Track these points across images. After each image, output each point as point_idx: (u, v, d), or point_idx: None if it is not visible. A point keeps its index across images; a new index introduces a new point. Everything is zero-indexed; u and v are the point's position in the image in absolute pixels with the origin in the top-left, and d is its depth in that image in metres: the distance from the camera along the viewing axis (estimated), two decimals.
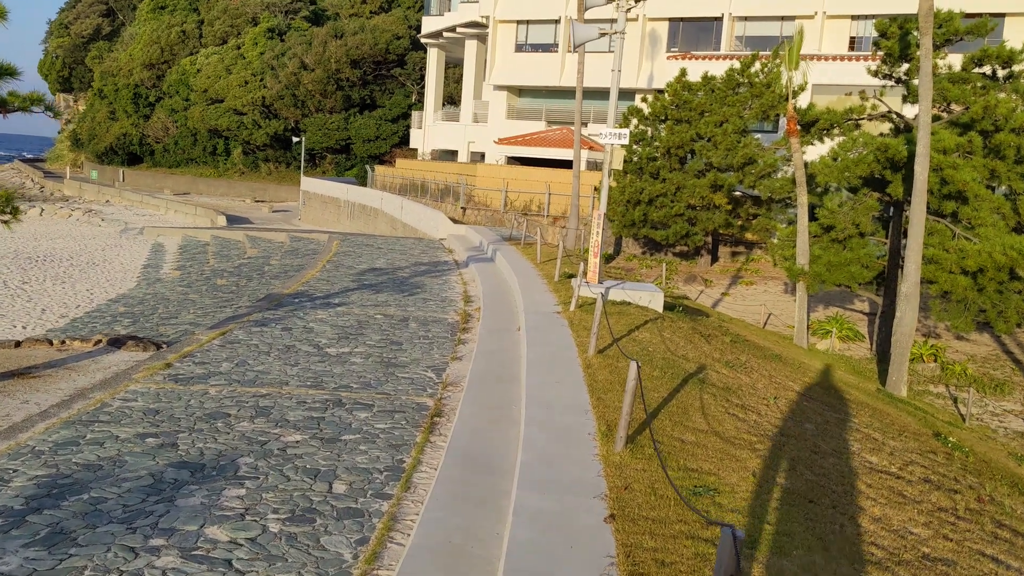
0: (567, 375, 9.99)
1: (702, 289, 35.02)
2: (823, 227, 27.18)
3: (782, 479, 7.09)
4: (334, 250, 26.68)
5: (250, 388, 10.63)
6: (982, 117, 25.37)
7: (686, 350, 12.45)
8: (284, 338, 13.61)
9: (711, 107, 34.53)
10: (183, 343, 13.01)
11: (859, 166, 25.63)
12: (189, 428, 9.00)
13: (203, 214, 62.19)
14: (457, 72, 68.37)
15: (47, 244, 43.40)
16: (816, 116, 28.20)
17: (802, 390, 12.77)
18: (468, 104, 55.36)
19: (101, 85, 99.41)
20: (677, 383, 9.98)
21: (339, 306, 16.80)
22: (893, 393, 20.85)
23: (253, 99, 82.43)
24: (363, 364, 12.22)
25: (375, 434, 9.12)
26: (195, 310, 19.53)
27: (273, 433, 8.98)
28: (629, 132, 16.89)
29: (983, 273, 23.90)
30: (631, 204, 35.09)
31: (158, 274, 32.59)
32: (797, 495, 6.79)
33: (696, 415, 8.67)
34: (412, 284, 20.36)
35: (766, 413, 9.62)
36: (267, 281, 22.75)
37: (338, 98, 79.84)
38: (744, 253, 39.35)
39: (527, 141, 46.79)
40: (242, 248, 34.74)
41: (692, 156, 35.27)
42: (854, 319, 31.39)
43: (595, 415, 8.31)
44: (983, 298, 24.53)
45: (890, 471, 8.73)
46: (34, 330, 22.75)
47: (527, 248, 25.68)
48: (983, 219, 24.64)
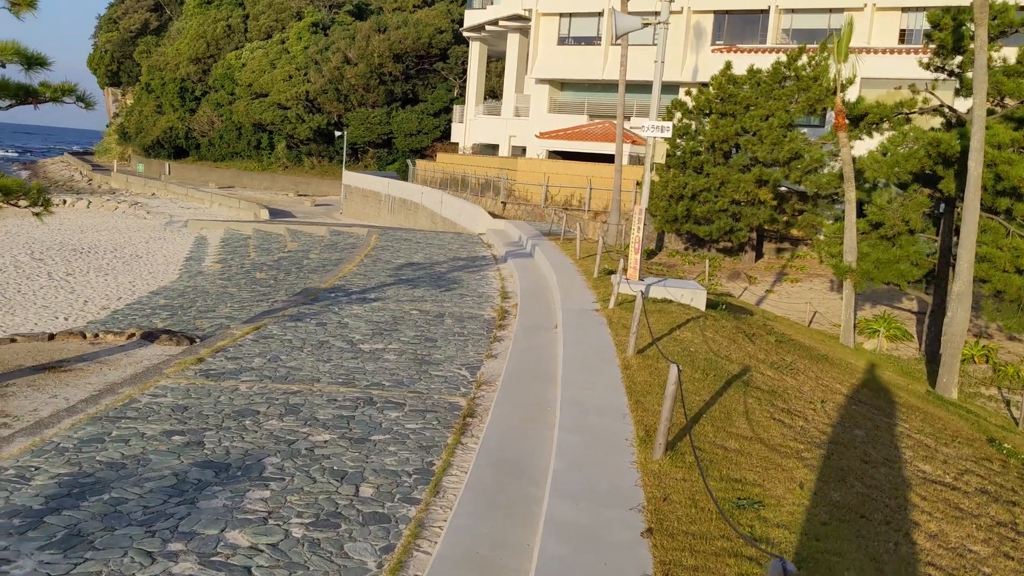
0: (604, 376, 9.64)
1: (746, 286, 34.42)
2: (871, 224, 26.51)
3: (831, 491, 6.70)
4: (372, 244, 26.52)
5: (281, 385, 10.42)
6: None
7: (729, 350, 12.03)
8: (318, 333, 13.41)
9: (757, 101, 33.89)
10: (217, 337, 12.86)
11: (910, 161, 24.92)
12: (217, 426, 8.79)
13: (246, 207, 62.56)
14: (499, 66, 68.05)
15: (92, 236, 43.84)
16: (865, 110, 27.49)
17: (850, 393, 12.30)
18: (510, 98, 55.03)
19: (148, 79, 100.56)
20: (720, 386, 9.58)
21: (375, 301, 16.59)
22: (943, 395, 20.21)
23: (297, 93, 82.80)
24: (396, 361, 11.97)
25: (405, 434, 8.85)
26: (232, 304, 19.45)
27: (301, 432, 8.74)
28: (672, 125, 16.46)
29: None
30: (674, 199, 34.56)
31: (200, 267, 32.71)
32: (847, 509, 6.40)
33: (740, 420, 8.28)
34: (449, 279, 20.10)
35: (813, 418, 9.20)
36: (305, 275, 22.63)
37: (381, 92, 79.91)
38: (789, 250, 38.63)
39: (568, 135, 46.35)
40: (282, 242, 34.76)
41: (737, 150, 34.65)
42: (902, 318, 30.63)
43: (633, 419, 7.96)
44: None
45: (944, 481, 8.28)
46: (75, 321, 22.87)
47: (567, 244, 25.32)
48: None
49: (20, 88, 9.64)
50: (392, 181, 54.04)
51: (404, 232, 32.36)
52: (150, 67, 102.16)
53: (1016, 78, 24.87)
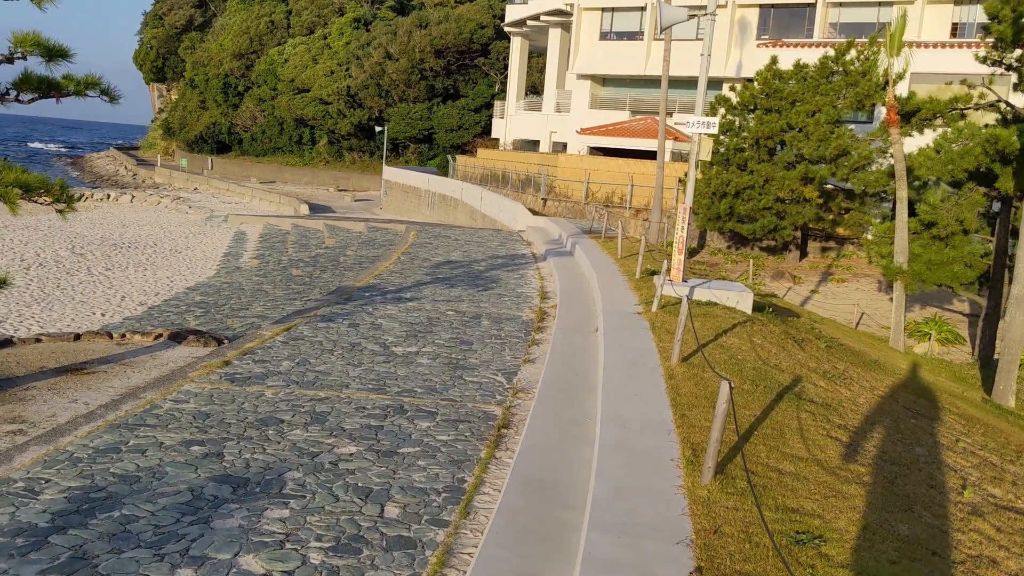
0: (647, 387, 9.10)
1: (790, 286, 33.60)
2: (923, 223, 25.63)
3: (898, 522, 6.11)
4: (410, 241, 26.14)
5: (308, 391, 10.00)
6: None
7: (779, 358, 11.41)
8: (350, 335, 12.99)
9: (803, 96, 33.05)
10: (246, 338, 12.49)
11: (965, 159, 24.00)
12: (238, 435, 8.38)
13: (287, 202, 62.64)
14: (540, 62, 67.50)
15: (133, 231, 44.01)
16: (917, 105, 26.55)
17: (906, 403, 11.63)
18: (551, 94, 54.46)
19: (192, 75, 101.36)
20: (771, 398, 8.99)
21: (410, 301, 16.16)
22: (1001, 403, 19.36)
23: (338, 89, 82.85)
24: (430, 366, 11.50)
25: (436, 447, 8.37)
26: (266, 301, 19.14)
27: (326, 444, 8.30)
28: (717, 122, 15.83)
29: None
30: (717, 196, 33.83)
31: (238, 262, 32.57)
32: (917, 544, 5.82)
33: (793, 438, 7.70)
34: (487, 278, 19.63)
35: (871, 434, 8.58)
36: (341, 272, 22.29)
37: (422, 88, 79.72)
38: (835, 249, 37.71)
39: (610, 131, 45.69)
40: (320, 237, 34.54)
41: (782, 147, 33.84)
42: (953, 320, 29.65)
43: (679, 436, 7.41)
44: None
45: (1016, 507, 7.64)
46: (111, 317, 22.75)
47: (608, 242, 24.74)
48: None
49: (42, 81, 9.31)
50: (432, 177, 53.71)
51: (443, 229, 31.96)
52: (194, 63, 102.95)
53: None
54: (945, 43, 38.86)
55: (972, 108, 26.33)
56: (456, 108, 78.97)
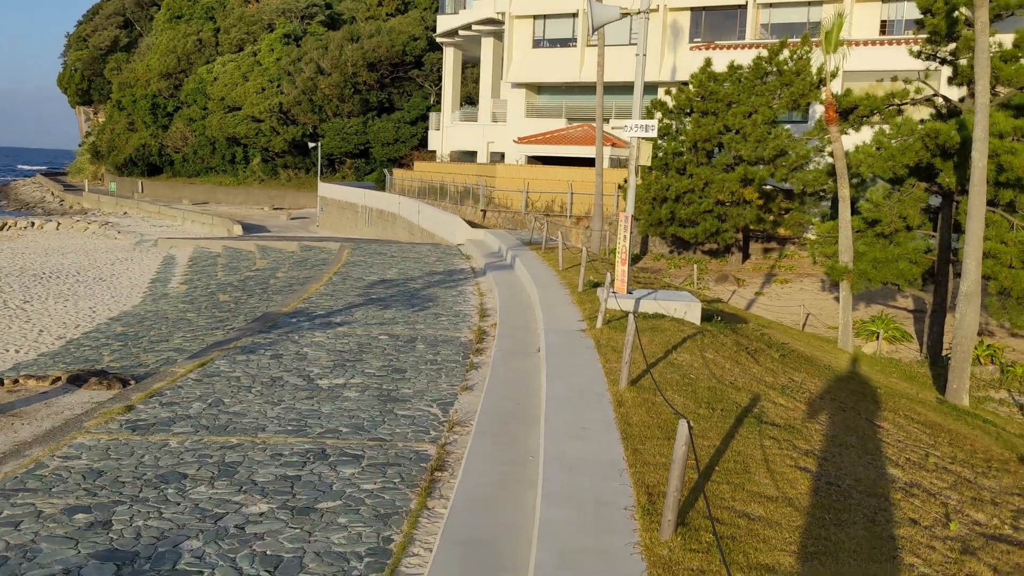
0: (595, 418, 8.24)
1: (734, 289, 33.18)
2: (867, 221, 25.29)
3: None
4: (343, 260, 25.06)
5: (219, 437, 8.96)
6: None
7: (734, 374, 10.65)
8: (271, 368, 11.94)
9: (738, 97, 32.73)
10: (155, 377, 11.38)
11: (906, 154, 23.69)
12: (132, 497, 7.33)
13: (220, 223, 60.94)
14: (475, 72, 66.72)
15: (56, 260, 42.16)
16: (855, 102, 26.27)
17: (868, 415, 10.96)
18: (486, 103, 53.70)
19: (119, 96, 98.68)
20: (730, 423, 8.20)
21: (340, 326, 15.14)
22: (956, 403, 18.93)
23: (270, 106, 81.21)
24: (358, 400, 10.51)
25: (360, 499, 7.40)
26: (187, 332, 17.95)
27: (234, 502, 7.28)
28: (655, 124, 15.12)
29: None
30: (657, 201, 33.31)
31: (165, 288, 31.18)
32: None
33: (759, 472, 6.90)
34: (424, 297, 18.68)
35: (840, 460, 7.83)
36: (269, 296, 21.16)
37: (356, 102, 78.48)
38: (777, 249, 37.48)
39: (547, 139, 45.06)
40: (252, 259, 33.26)
41: (720, 150, 33.48)
42: (899, 318, 29.42)
43: (632, 477, 6.55)
44: None
45: (1004, 534, 6.94)
46: (27, 354, 21.35)
47: (549, 253, 23.93)
48: None
49: None
50: (368, 191, 52.58)
51: (379, 245, 30.90)
52: (121, 84, 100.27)
53: (1014, 63, 23.73)
54: (876, 40, 38.95)
55: (909, 103, 26.14)
56: (392, 121, 77.83)
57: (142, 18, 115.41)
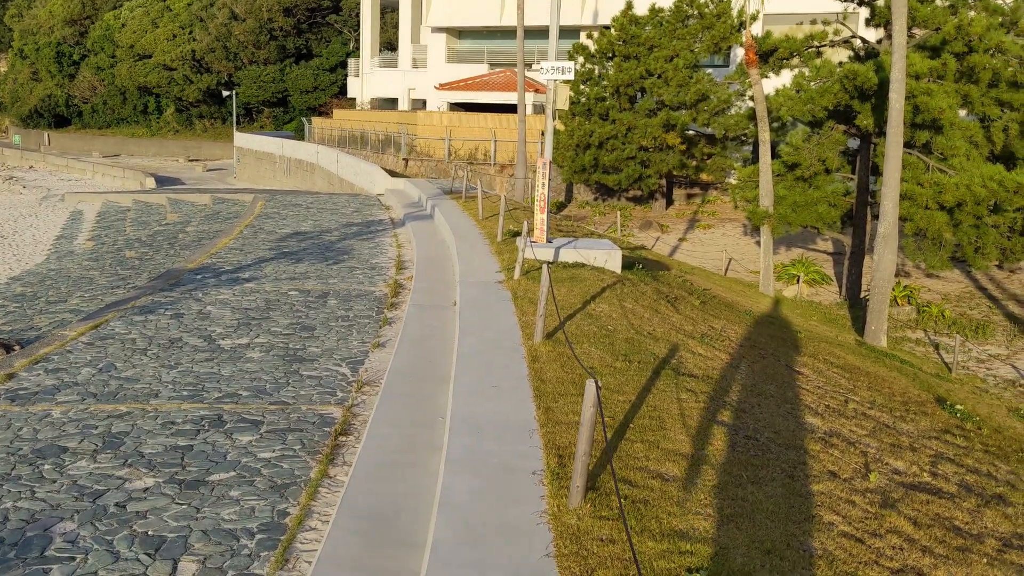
0: (507, 374, 7.85)
1: (658, 235, 33.12)
2: (787, 165, 25.26)
3: (807, 537, 5.07)
4: (256, 212, 24.17)
5: (107, 405, 8.35)
6: (954, 38, 23.49)
7: (652, 324, 10.37)
8: (170, 329, 11.28)
9: (660, 41, 32.34)
10: (43, 342, 10.64)
11: (824, 97, 23.64)
12: (3, 475, 6.71)
13: (132, 176, 58.72)
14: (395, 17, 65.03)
15: None
16: (775, 44, 26.10)
17: (788, 362, 10.81)
18: (406, 49, 52.42)
19: (21, 44, 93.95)
20: (647, 376, 7.90)
21: (248, 282, 14.47)
22: (874, 344, 19.10)
23: (182, 53, 78.21)
24: (261, 360, 9.95)
25: (256, 469, 6.92)
26: (86, 291, 17.05)
27: (116, 477, 6.73)
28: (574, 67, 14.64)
29: (961, 208, 22.19)
30: (581, 148, 32.90)
31: (71, 246, 29.86)
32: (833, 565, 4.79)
33: (675, 427, 6.61)
34: (339, 250, 18.03)
35: (759, 411, 7.59)
36: (177, 252, 20.26)
37: (272, 49, 76.04)
38: (700, 195, 37.52)
39: (469, 86, 44.19)
40: (163, 213, 32.01)
41: (643, 95, 33.13)
42: (819, 260, 29.70)
43: (542, 439, 6.19)
44: (960, 234, 22.87)
45: (923, 482, 6.78)
46: None
47: (469, 202, 23.40)
48: (957, 149, 22.84)
49: None
50: (286, 141, 51.13)
51: (294, 196, 29.95)
52: (22, 31, 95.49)
53: (929, 4, 23.77)
54: None
55: (828, 45, 26.08)
56: (310, 68, 75.64)
57: None
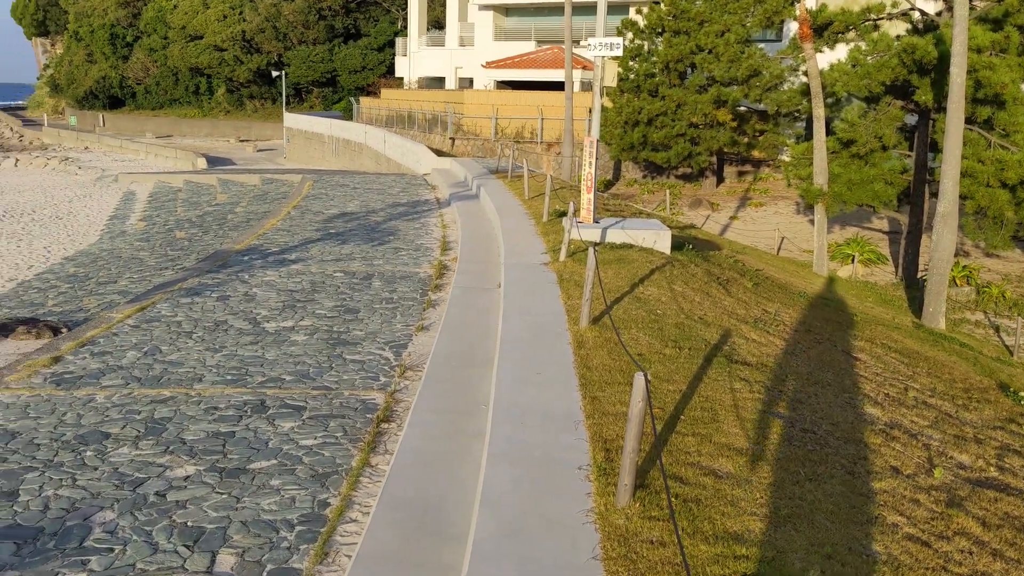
0: (552, 360, 7.65)
1: (708, 214, 32.59)
2: (841, 142, 24.62)
3: (870, 540, 4.81)
4: (304, 193, 24.18)
5: (151, 390, 8.30)
6: (1017, 9, 22.66)
7: (704, 308, 10.08)
8: (216, 311, 11.24)
9: (711, 16, 31.69)
10: (89, 325, 10.67)
11: (882, 71, 22.96)
12: (46, 462, 6.69)
13: (184, 157, 59.37)
14: None
15: (11, 198, 40.85)
16: (830, 18, 25.37)
17: (845, 347, 10.46)
18: (453, 27, 52.09)
19: (76, 27, 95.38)
20: (698, 364, 7.64)
21: (294, 263, 14.42)
22: (932, 327, 18.56)
23: (233, 34, 78.76)
24: (305, 344, 9.86)
25: (297, 457, 6.81)
26: (135, 272, 17.16)
27: (158, 465, 6.67)
28: (622, 43, 14.29)
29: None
30: (629, 125, 32.43)
31: (123, 226, 30.20)
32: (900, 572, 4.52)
33: (729, 419, 6.35)
34: (384, 230, 17.93)
35: (816, 401, 7.30)
36: (226, 232, 20.33)
37: (321, 28, 76.24)
38: (751, 172, 36.83)
39: (516, 63, 43.79)
40: (213, 194, 32.24)
41: (693, 70, 32.54)
42: (874, 239, 28.99)
43: (588, 431, 5.99)
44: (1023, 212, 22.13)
45: (990, 477, 6.46)
46: None
47: (515, 182, 23.16)
48: (1020, 125, 22.05)
49: None
50: (334, 121, 51.22)
51: (342, 177, 29.94)
52: (77, 14, 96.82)
53: None
54: None
55: (885, 18, 25.28)
56: (359, 48, 75.77)
57: None
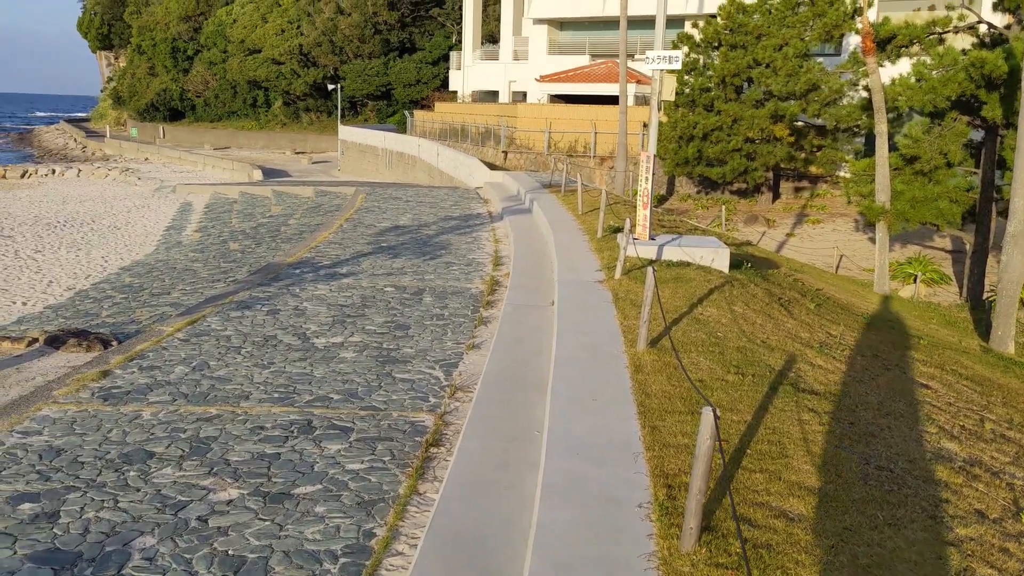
0: (608, 385, 7.33)
1: (764, 230, 31.98)
2: (905, 158, 23.95)
3: None
4: (357, 206, 24.14)
5: (197, 407, 8.16)
6: None
7: (766, 330, 9.69)
8: (266, 326, 11.11)
9: (769, 30, 31.16)
10: (139, 338, 10.59)
11: (948, 86, 22.28)
12: (89, 482, 6.54)
13: (240, 168, 60.12)
14: (497, 9, 64.85)
15: (72, 207, 41.58)
16: (893, 31, 24.72)
17: (914, 372, 9.98)
18: (507, 41, 52.10)
19: (139, 41, 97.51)
20: (762, 393, 7.27)
21: (345, 277, 14.28)
22: (1001, 351, 17.86)
23: (290, 47, 79.79)
24: (354, 361, 9.66)
25: (343, 482, 6.58)
26: (188, 284, 17.18)
27: (201, 488, 6.48)
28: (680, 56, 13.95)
29: None
30: (684, 140, 31.98)
31: (179, 236, 30.52)
32: None
33: (798, 454, 5.99)
34: (436, 244, 17.76)
35: (890, 435, 6.89)
36: (278, 245, 20.33)
37: (376, 42, 76.88)
38: (808, 188, 36.11)
39: (570, 77, 43.57)
40: (267, 205, 32.45)
41: (749, 85, 32.01)
42: (936, 258, 28.16)
43: (648, 465, 5.66)
44: None
45: None
46: (33, 306, 20.78)
47: (569, 196, 22.88)
48: None
49: None
50: (388, 134, 51.46)
51: (395, 189, 29.93)
52: (140, 28, 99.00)
53: None
54: None
55: (951, 31, 24.58)
56: (413, 62, 76.23)
57: None
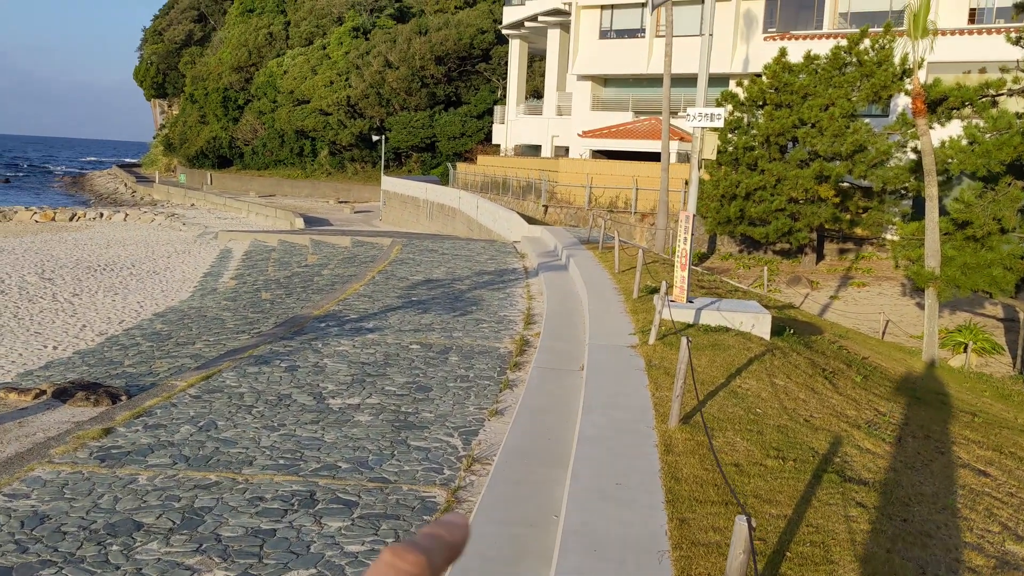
0: (635, 467, 6.73)
1: (807, 292, 31.18)
2: (956, 223, 23.21)
3: None
4: (392, 257, 23.83)
5: (197, 472, 7.67)
6: None
7: (809, 406, 9.03)
8: (282, 383, 10.65)
9: (815, 89, 30.70)
10: (150, 393, 10.19)
11: (1002, 150, 21.62)
12: (67, 555, 6.06)
13: (283, 216, 60.51)
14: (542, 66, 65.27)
15: (114, 251, 41.89)
16: (944, 93, 24.11)
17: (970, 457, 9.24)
18: (551, 96, 52.18)
19: (192, 90, 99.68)
20: (805, 481, 6.61)
21: (371, 332, 13.83)
22: None
23: (338, 99, 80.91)
24: (368, 426, 9.14)
25: (340, 567, 6.00)
26: (212, 335, 16.85)
27: (185, 568, 5.94)
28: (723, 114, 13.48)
29: None
30: (726, 199, 31.44)
31: (215, 284, 30.44)
32: None
33: (845, 559, 5.34)
34: (468, 300, 17.29)
35: (948, 535, 6.21)
36: (308, 296, 20.00)
37: (423, 95, 77.69)
38: (853, 250, 35.28)
39: (612, 133, 43.36)
40: (304, 254, 32.33)
41: (794, 144, 31.48)
42: (988, 327, 27.16)
43: (674, 568, 5.03)
44: None
45: None
46: (64, 351, 20.62)
47: (606, 253, 22.37)
48: None
49: None
50: (430, 186, 51.54)
51: (432, 241, 29.65)
52: (194, 77, 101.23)
53: None
54: (964, 30, 36.43)
55: (1005, 94, 23.94)
56: (458, 115, 76.84)
57: (216, 12, 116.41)
